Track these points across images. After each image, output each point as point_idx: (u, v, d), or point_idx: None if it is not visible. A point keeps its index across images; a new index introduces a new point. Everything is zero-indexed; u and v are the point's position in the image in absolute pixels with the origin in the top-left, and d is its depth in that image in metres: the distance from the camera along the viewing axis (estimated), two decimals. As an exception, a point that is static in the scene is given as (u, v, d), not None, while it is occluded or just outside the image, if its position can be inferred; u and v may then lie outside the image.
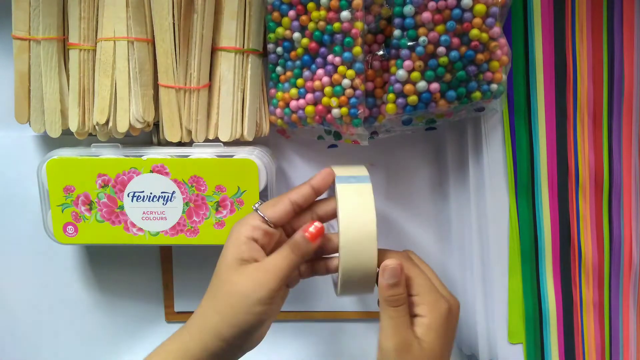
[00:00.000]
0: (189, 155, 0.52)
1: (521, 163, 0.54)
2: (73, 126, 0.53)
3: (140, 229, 0.53)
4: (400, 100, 0.48)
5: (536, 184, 0.54)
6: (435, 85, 0.48)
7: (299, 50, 0.50)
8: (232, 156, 0.52)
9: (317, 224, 0.46)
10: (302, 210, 0.48)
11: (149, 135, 0.56)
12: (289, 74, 0.52)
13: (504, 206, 0.55)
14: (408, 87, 0.48)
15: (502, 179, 0.54)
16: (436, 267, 0.60)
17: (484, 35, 0.46)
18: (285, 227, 0.48)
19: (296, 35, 0.50)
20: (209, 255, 0.60)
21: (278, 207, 0.46)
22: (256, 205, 0.46)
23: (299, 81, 0.51)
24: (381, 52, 0.50)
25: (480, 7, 0.45)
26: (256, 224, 0.45)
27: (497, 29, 0.47)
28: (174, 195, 0.52)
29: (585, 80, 0.51)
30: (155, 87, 0.52)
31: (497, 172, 0.54)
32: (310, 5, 0.48)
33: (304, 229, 0.45)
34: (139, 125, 0.52)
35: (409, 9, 0.46)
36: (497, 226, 0.55)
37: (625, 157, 0.52)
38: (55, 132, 0.53)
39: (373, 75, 0.50)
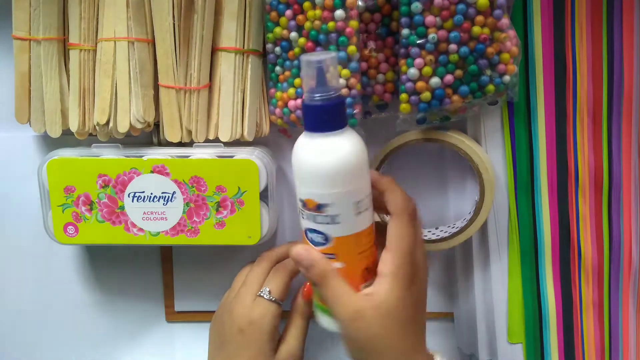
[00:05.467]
0: (189, 156, 0.52)
1: (521, 163, 0.54)
2: (73, 126, 0.53)
3: (141, 229, 0.53)
4: (413, 97, 0.48)
5: (536, 184, 0.54)
6: (449, 77, 0.47)
7: (297, 50, 0.51)
8: (232, 156, 0.52)
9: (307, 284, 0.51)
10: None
11: (150, 135, 0.56)
12: (287, 73, 0.52)
13: (504, 206, 0.55)
14: (420, 84, 0.48)
15: (502, 179, 0.54)
16: (436, 267, 0.60)
17: (486, 30, 0.46)
18: None
19: (293, 34, 0.50)
20: (209, 255, 0.61)
21: (284, 286, 0.51)
22: (268, 296, 0.50)
23: (297, 81, 0.51)
24: (377, 31, 0.50)
25: (483, 1, 0.45)
26: (277, 312, 0.50)
27: (505, 20, 0.47)
28: (174, 195, 0.52)
29: (585, 80, 0.51)
30: (156, 87, 0.52)
31: (497, 172, 0.54)
32: (306, 4, 0.49)
33: (302, 294, 0.52)
34: (139, 126, 0.52)
35: (415, 6, 0.46)
36: (497, 226, 0.55)
37: (625, 157, 0.52)
38: (55, 132, 0.53)
39: (368, 55, 0.50)
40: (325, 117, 0.40)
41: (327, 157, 0.40)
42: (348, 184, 0.40)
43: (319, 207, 0.41)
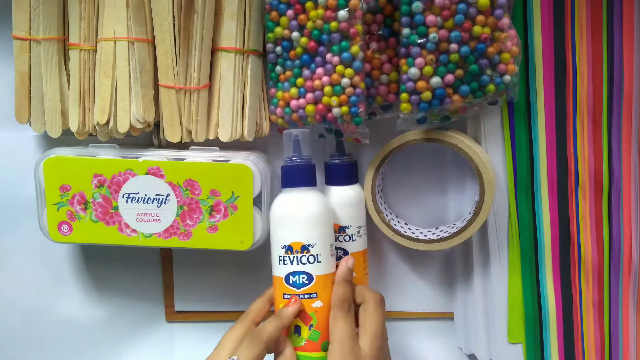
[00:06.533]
0: (184, 159, 0.52)
1: (521, 163, 0.54)
2: (73, 126, 0.53)
3: (134, 230, 0.53)
4: (414, 97, 0.48)
5: (536, 184, 0.54)
6: (450, 77, 0.47)
7: (298, 50, 0.51)
8: (227, 161, 0.52)
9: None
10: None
11: (150, 135, 0.56)
12: (288, 73, 0.52)
13: (504, 206, 0.55)
14: (421, 83, 0.48)
15: (502, 179, 0.54)
16: (436, 267, 0.60)
17: (487, 30, 0.46)
18: None
19: (295, 34, 0.50)
20: (209, 256, 0.61)
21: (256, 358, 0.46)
22: None
23: (299, 80, 0.51)
24: (380, 32, 0.50)
25: (484, 0, 0.45)
26: None
27: (506, 20, 0.47)
28: (168, 197, 0.52)
29: (585, 80, 0.51)
30: (156, 87, 0.52)
31: (497, 172, 0.54)
32: (309, 4, 0.49)
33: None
34: (139, 126, 0.52)
35: (416, 5, 0.46)
36: (497, 226, 0.55)
37: (625, 157, 0.52)
38: (55, 132, 0.53)
39: (371, 56, 0.50)
40: (310, 174, 0.50)
41: (315, 204, 0.49)
42: (327, 227, 0.50)
43: (304, 248, 0.48)
